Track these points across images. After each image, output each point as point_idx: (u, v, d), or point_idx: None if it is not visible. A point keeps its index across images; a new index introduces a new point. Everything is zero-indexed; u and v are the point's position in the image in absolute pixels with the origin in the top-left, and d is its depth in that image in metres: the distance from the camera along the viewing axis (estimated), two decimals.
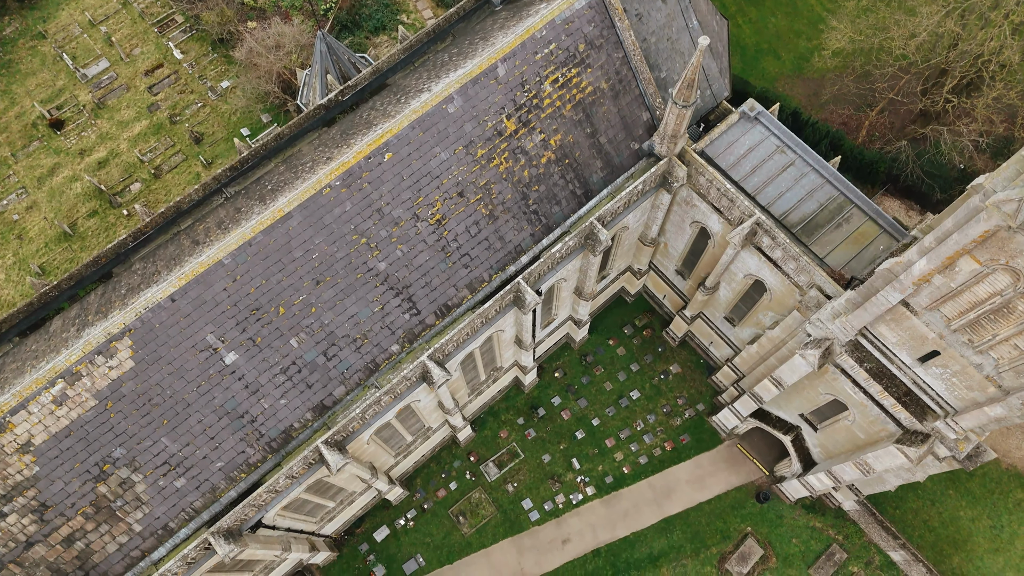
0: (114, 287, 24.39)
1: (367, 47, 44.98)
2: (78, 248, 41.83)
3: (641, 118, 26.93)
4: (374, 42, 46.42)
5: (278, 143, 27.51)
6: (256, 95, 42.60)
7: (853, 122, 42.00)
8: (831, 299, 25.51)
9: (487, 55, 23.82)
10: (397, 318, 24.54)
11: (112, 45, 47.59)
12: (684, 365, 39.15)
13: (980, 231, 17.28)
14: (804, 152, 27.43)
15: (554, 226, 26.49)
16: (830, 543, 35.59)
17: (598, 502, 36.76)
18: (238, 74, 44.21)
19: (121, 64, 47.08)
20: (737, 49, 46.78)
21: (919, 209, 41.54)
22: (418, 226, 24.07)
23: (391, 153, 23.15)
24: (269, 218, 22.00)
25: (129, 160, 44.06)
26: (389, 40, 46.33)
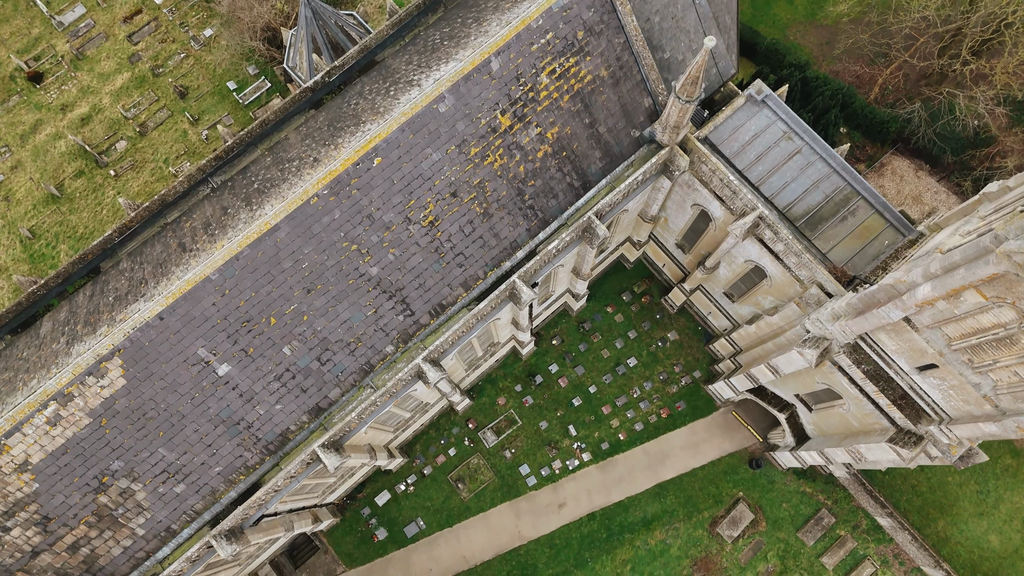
0: (102, 290, 23.94)
1: (356, 1, 42.52)
2: (67, 211, 41.00)
3: (642, 104, 25.68)
4: None
5: (264, 129, 26.38)
6: (241, 52, 40.63)
7: (866, 76, 40.21)
8: (832, 297, 25.11)
9: (479, 50, 22.43)
10: (391, 320, 24.22)
11: None
12: (682, 332, 39.08)
13: (988, 273, 16.71)
14: (812, 139, 26.30)
15: (551, 220, 25.72)
16: (819, 508, 36.58)
17: (594, 468, 37.54)
18: (222, 26, 42.02)
19: (98, 10, 44.71)
20: None
21: (929, 170, 40.39)
22: (410, 229, 23.38)
23: (380, 158, 22.19)
24: (256, 231, 21.32)
25: (113, 116, 42.54)
26: None
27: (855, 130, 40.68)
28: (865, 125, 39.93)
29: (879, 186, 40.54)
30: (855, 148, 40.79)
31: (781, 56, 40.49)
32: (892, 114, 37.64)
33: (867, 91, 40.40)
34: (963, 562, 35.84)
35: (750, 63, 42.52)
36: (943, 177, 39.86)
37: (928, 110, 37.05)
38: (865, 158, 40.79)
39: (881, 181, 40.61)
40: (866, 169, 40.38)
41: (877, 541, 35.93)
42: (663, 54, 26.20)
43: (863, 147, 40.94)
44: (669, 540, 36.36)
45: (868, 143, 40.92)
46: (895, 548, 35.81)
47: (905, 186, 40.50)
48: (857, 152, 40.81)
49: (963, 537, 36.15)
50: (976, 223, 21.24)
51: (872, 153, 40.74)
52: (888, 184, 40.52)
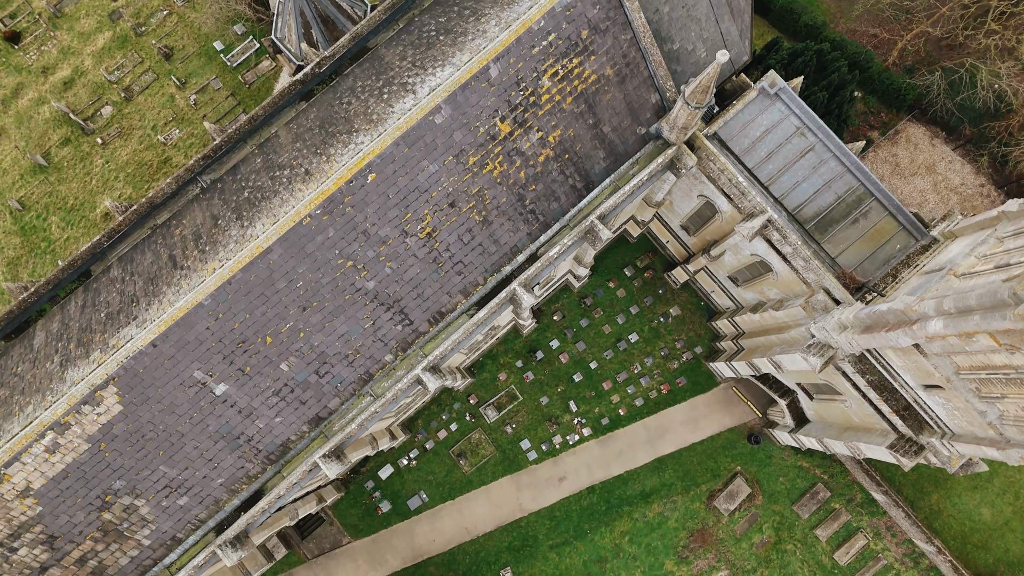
0: (93, 301, 23.42)
1: None
2: (55, 181, 39.92)
3: (649, 101, 24.39)
4: None
5: (252, 125, 25.25)
6: (226, 17, 38.52)
7: (885, 40, 38.23)
8: (839, 305, 24.59)
9: (477, 56, 21.07)
10: (389, 330, 23.81)
11: None
12: (684, 307, 38.68)
13: (1004, 327, 16.15)
14: (825, 136, 25.12)
15: (552, 222, 24.87)
16: (815, 482, 37.16)
17: (594, 442, 37.93)
18: None
19: None
20: None
21: (945, 137, 38.95)
22: (407, 242, 22.64)
23: (374, 174, 21.22)
24: (248, 255, 20.62)
25: (96, 80, 40.81)
26: None
27: (870, 95, 39.03)
28: (881, 91, 38.28)
29: (892, 155, 39.25)
30: (869, 115, 39.24)
31: (796, 16, 38.45)
32: (910, 84, 35.95)
33: (885, 54, 38.50)
34: (954, 534, 36.67)
35: (763, 22, 40.42)
36: (959, 146, 38.51)
37: (948, 78, 35.37)
38: (879, 125, 39.30)
39: (895, 150, 39.26)
40: (880, 137, 38.97)
41: (871, 514, 36.66)
42: (672, 45, 24.70)
43: (878, 113, 39.39)
44: (667, 513, 37.13)
45: (883, 109, 39.34)
46: (888, 521, 36.58)
47: (919, 154, 39.19)
48: (871, 119, 39.29)
49: (955, 510, 36.85)
50: (993, 245, 20.52)
51: (887, 120, 39.22)
52: (902, 153, 39.20)
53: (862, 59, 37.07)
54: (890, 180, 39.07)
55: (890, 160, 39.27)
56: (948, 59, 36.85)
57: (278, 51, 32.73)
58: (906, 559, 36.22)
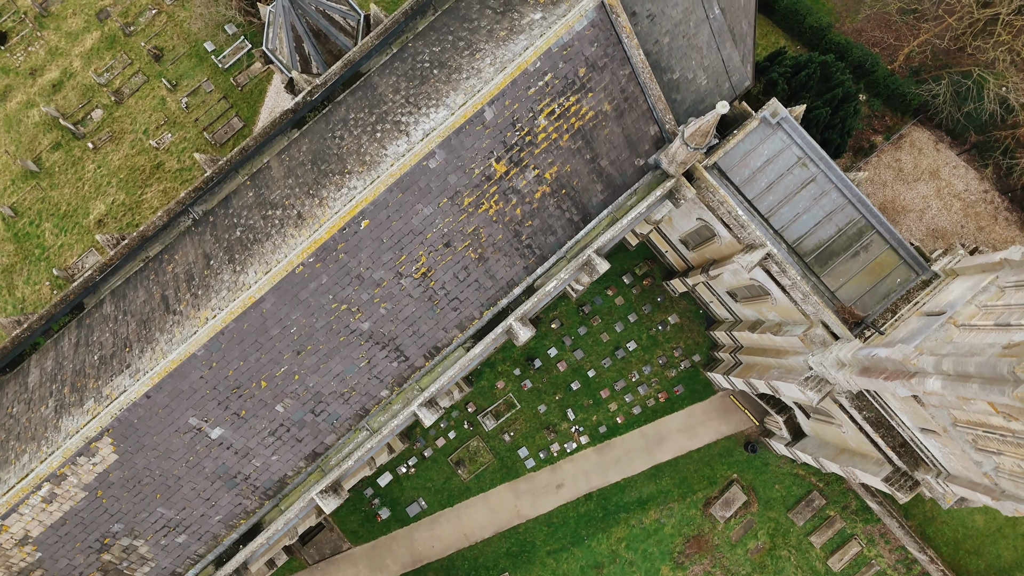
0: (86, 340, 23.29)
1: None
2: (47, 186, 39.43)
3: (648, 132, 23.88)
4: None
5: (244, 155, 24.82)
6: (216, 23, 37.54)
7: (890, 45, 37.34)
8: (838, 339, 24.42)
9: (472, 100, 20.51)
10: (385, 367, 23.71)
11: None
12: (683, 315, 38.51)
13: (1002, 402, 16.01)
14: (827, 167, 24.65)
15: (549, 255, 24.58)
16: (811, 489, 37.46)
17: (591, 450, 38.14)
18: None
19: None
20: None
21: (949, 142, 38.31)
22: (402, 283, 22.39)
23: (367, 220, 20.87)
24: (240, 306, 20.37)
25: (85, 82, 40.01)
26: None
27: (875, 98, 38.28)
28: (886, 95, 37.54)
29: (896, 159, 38.65)
30: (874, 118, 38.53)
31: (801, 17, 37.50)
32: (915, 93, 35.22)
33: (891, 55, 37.65)
34: (947, 540, 37.11)
35: (767, 21, 39.43)
36: (964, 151, 37.90)
37: (954, 85, 34.63)
38: (884, 129, 38.62)
39: (899, 154, 38.66)
40: (884, 142, 38.34)
41: (865, 521, 37.04)
42: (672, 75, 24.07)
43: (882, 117, 38.67)
44: (663, 519, 37.52)
45: (888, 112, 38.63)
46: (882, 528, 36.98)
47: (923, 159, 38.60)
48: (876, 123, 38.60)
49: (949, 516, 37.22)
50: (994, 295, 20.29)
51: (891, 124, 38.53)
52: (905, 158, 38.60)
53: (868, 63, 36.26)
54: (893, 185, 38.57)
55: (893, 165, 38.70)
56: (956, 63, 36.02)
57: (269, 61, 31.94)
58: (899, 565, 36.71)
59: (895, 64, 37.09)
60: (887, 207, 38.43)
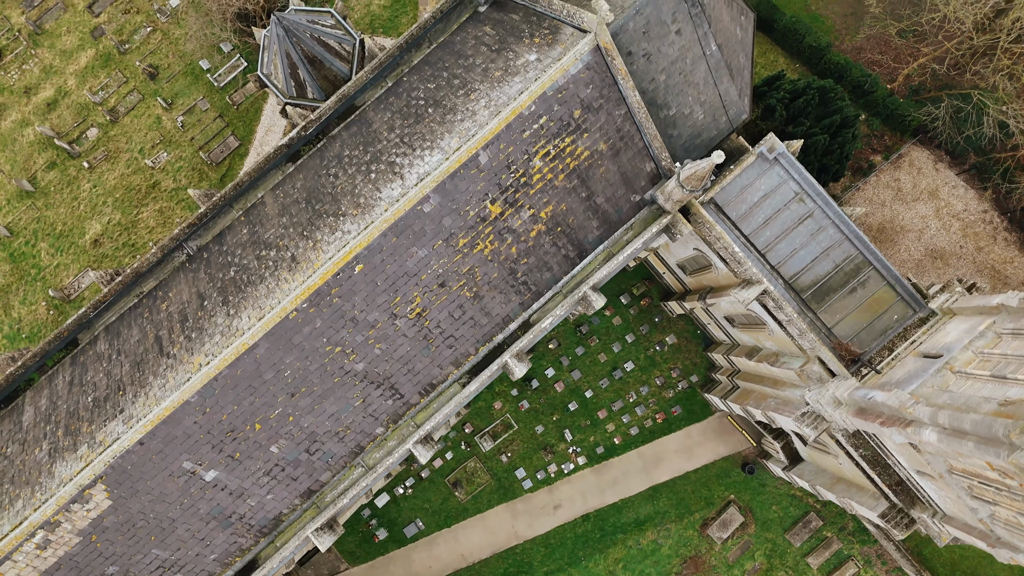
0: (80, 379, 23.22)
1: None
2: (43, 206, 39.29)
3: (644, 169, 23.72)
4: None
5: (238, 191, 24.70)
6: (211, 44, 37.30)
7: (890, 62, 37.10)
8: (834, 376, 24.33)
9: (467, 145, 20.35)
10: (380, 405, 23.65)
11: None
12: (680, 336, 38.42)
13: (998, 464, 15.95)
14: (824, 203, 24.50)
15: (544, 291, 24.48)
16: (808, 510, 37.45)
17: (589, 471, 38.13)
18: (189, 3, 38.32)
19: None
20: None
21: (949, 162, 38.11)
22: (396, 323, 22.29)
23: (362, 265, 20.74)
24: (234, 353, 20.28)
25: (80, 100, 39.80)
26: None
27: (874, 117, 38.07)
28: (885, 114, 37.35)
29: (895, 179, 38.48)
30: (873, 138, 38.35)
31: (800, 37, 37.26)
32: (914, 116, 35.03)
33: (891, 74, 37.43)
34: (943, 561, 37.12)
35: (766, 39, 39.17)
36: (963, 171, 37.72)
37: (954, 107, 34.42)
38: (883, 148, 38.43)
39: (898, 174, 38.48)
40: (883, 162, 38.16)
41: (862, 542, 37.04)
42: (668, 111, 23.91)
43: (881, 136, 38.48)
44: (660, 540, 37.53)
45: (887, 131, 38.43)
46: (879, 549, 36.99)
47: (922, 179, 38.42)
48: (875, 142, 38.41)
49: None
50: (991, 341, 20.20)
51: (890, 144, 38.34)
52: (904, 177, 38.42)
53: (867, 84, 36.07)
54: (892, 205, 38.42)
55: (892, 185, 38.53)
56: (956, 83, 35.79)
57: (264, 86, 31.77)
58: None
59: (895, 84, 36.88)
60: (886, 227, 38.29)
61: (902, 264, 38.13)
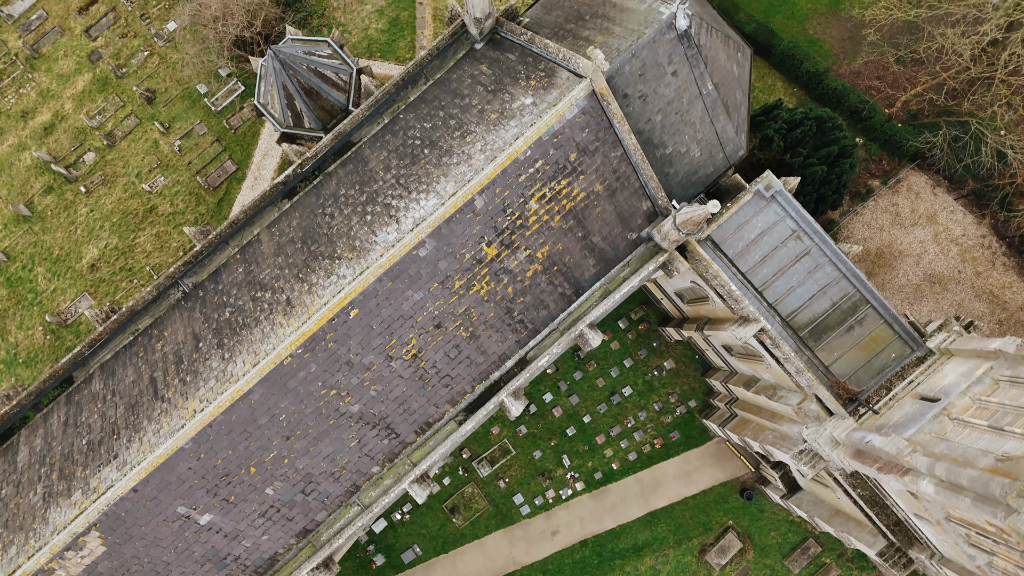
0: (75, 421, 23.14)
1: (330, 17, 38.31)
2: (40, 230, 39.22)
3: (640, 208, 23.65)
4: None
5: (233, 229, 24.64)
6: (208, 71, 37.26)
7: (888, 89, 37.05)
8: (832, 416, 24.24)
9: (463, 190, 20.29)
10: (376, 445, 23.56)
11: None
12: (679, 360, 38.34)
13: (996, 524, 15.85)
14: (821, 241, 24.44)
15: (541, 328, 24.42)
16: (806, 536, 37.33)
17: (587, 496, 38.03)
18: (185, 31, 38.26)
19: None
20: None
21: (947, 186, 38.03)
22: (392, 365, 22.22)
23: (357, 310, 20.67)
24: (228, 399, 20.20)
25: (77, 124, 39.74)
26: None
27: (872, 141, 38.01)
28: (883, 139, 37.29)
29: (893, 204, 38.41)
30: (871, 162, 38.29)
31: (798, 62, 37.20)
32: (913, 144, 34.99)
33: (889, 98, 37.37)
34: None
35: (764, 63, 39.10)
36: (962, 196, 37.67)
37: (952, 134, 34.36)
38: (881, 173, 38.37)
39: (896, 199, 38.41)
40: (881, 186, 38.10)
41: (860, 568, 36.91)
42: (665, 150, 23.85)
43: (879, 161, 38.41)
44: (659, 566, 37.42)
45: (885, 156, 38.36)
46: (877, 575, 36.88)
47: (921, 204, 38.35)
48: (872, 167, 38.36)
49: None
50: (988, 387, 20.12)
51: (888, 168, 38.28)
52: (903, 202, 38.35)
53: (864, 111, 36.03)
54: (890, 230, 38.35)
55: (890, 209, 38.46)
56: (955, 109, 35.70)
57: (261, 115, 31.72)
58: None
59: (893, 109, 36.83)
60: (884, 252, 38.23)
61: (900, 289, 38.08)
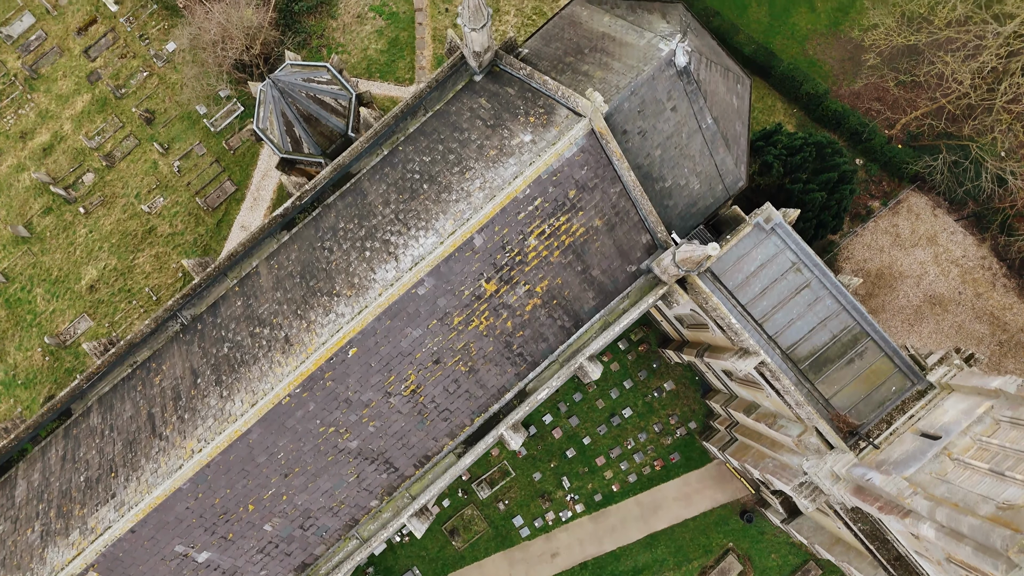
0: (73, 456, 23.07)
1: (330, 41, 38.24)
2: (39, 251, 39.17)
3: (640, 241, 23.60)
4: None
5: (231, 261, 24.59)
6: (206, 94, 37.22)
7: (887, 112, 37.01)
8: (832, 450, 24.15)
9: (462, 229, 20.24)
10: (374, 480, 23.49)
11: None
12: (679, 382, 38.26)
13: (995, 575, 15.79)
14: (821, 274, 24.38)
15: (540, 361, 24.34)
16: (807, 559, 37.23)
17: (587, 518, 37.93)
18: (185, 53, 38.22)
19: (49, 19, 40.65)
20: None
21: (947, 207, 37.99)
22: (391, 401, 22.15)
23: (356, 348, 20.61)
24: (226, 440, 20.13)
25: (76, 145, 39.70)
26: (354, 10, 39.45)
27: (872, 163, 37.98)
28: (883, 161, 37.26)
29: (893, 225, 38.36)
30: (871, 183, 38.25)
31: (797, 84, 37.17)
32: (912, 168, 34.96)
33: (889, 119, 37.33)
34: None
35: (764, 84, 39.06)
36: (962, 218, 37.61)
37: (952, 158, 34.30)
38: (881, 194, 38.33)
39: (896, 219, 38.36)
40: (881, 207, 38.05)
41: None
42: (664, 183, 23.80)
43: (879, 182, 38.37)
44: None
45: (885, 177, 38.33)
46: None
47: (920, 225, 38.30)
48: (872, 188, 38.31)
49: None
50: (989, 427, 20.04)
51: (888, 189, 38.25)
52: (903, 223, 38.30)
53: (864, 134, 36.00)
54: (890, 251, 38.30)
55: (891, 231, 38.41)
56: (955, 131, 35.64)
57: (259, 140, 31.66)
58: None
59: (893, 131, 36.78)
60: (884, 273, 38.17)
61: (901, 310, 38.01)
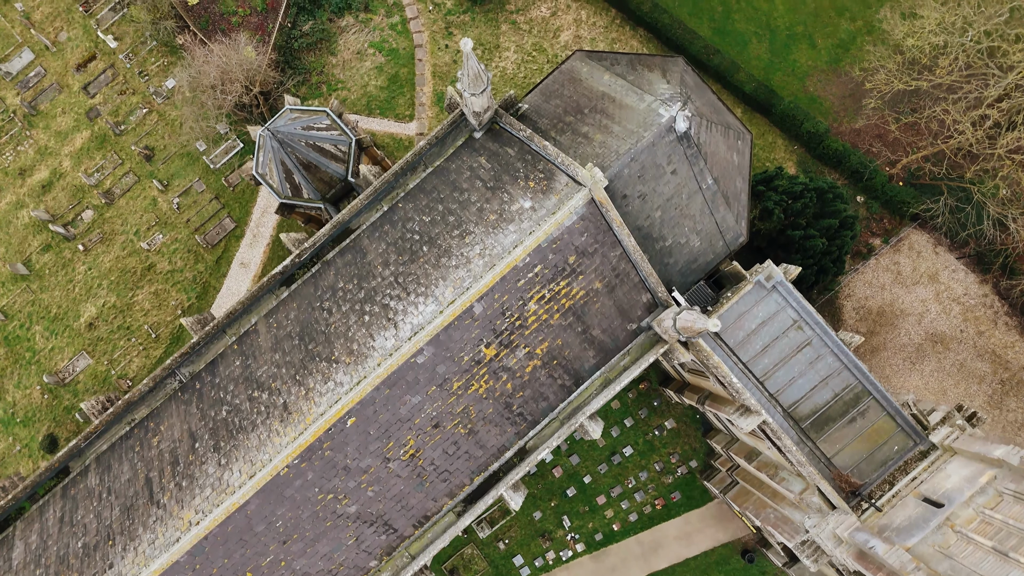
0: (71, 519, 22.95)
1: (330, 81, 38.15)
2: (38, 288, 39.08)
3: (640, 300, 23.47)
4: (339, 25, 39.51)
5: (230, 319, 24.48)
6: (205, 135, 37.16)
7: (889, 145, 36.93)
8: (834, 510, 24.01)
9: (461, 299, 20.14)
10: (373, 541, 23.35)
11: (33, 28, 40.63)
12: (679, 420, 38.12)
13: None
14: (823, 332, 24.26)
15: (540, 419, 24.21)
16: None
17: (587, 558, 37.77)
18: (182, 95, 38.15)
19: (48, 56, 40.61)
20: (766, 32, 39.84)
21: (948, 245, 37.89)
22: (390, 466, 22.03)
23: (354, 418, 20.50)
24: (224, 512, 20.01)
25: (75, 182, 39.65)
26: (357, 24, 39.42)
27: (873, 200, 37.89)
28: (884, 199, 37.18)
29: (895, 262, 38.25)
30: (872, 221, 38.16)
31: (798, 123, 37.09)
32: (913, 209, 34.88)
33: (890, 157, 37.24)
34: None
35: (765, 122, 38.99)
36: (963, 256, 37.51)
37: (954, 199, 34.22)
38: (882, 232, 38.22)
39: (897, 257, 38.25)
40: (883, 245, 37.94)
41: None
42: (664, 242, 23.70)
43: (880, 219, 38.28)
44: None
45: (886, 214, 38.24)
46: None
47: (922, 263, 38.19)
48: (874, 225, 38.21)
49: None
50: (992, 498, 19.91)
51: (890, 227, 38.15)
52: (904, 261, 38.19)
53: (866, 174, 35.93)
54: (892, 289, 38.17)
55: (892, 268, 38.29)
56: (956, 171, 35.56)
57: (258, 184, 31.57)
58: None
59: (894, 169, 36.69)
60: (886, 311, 38.04)
61: (902, 348, 37.88)
